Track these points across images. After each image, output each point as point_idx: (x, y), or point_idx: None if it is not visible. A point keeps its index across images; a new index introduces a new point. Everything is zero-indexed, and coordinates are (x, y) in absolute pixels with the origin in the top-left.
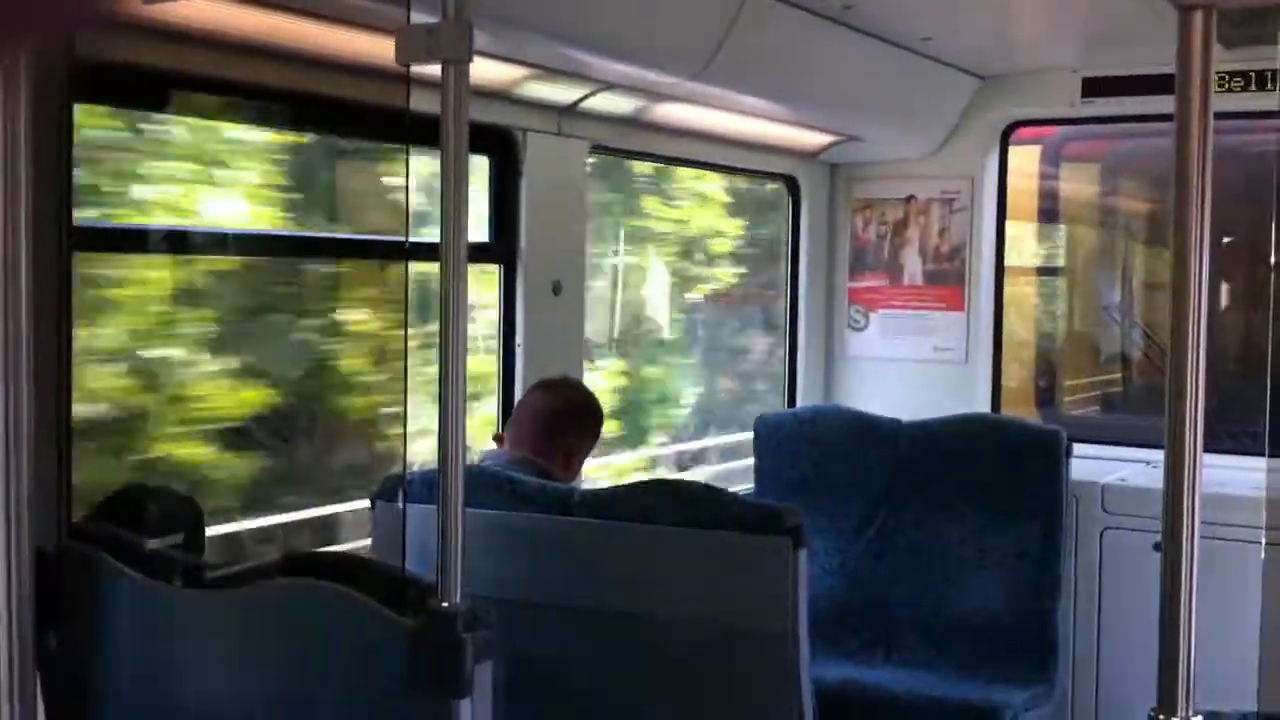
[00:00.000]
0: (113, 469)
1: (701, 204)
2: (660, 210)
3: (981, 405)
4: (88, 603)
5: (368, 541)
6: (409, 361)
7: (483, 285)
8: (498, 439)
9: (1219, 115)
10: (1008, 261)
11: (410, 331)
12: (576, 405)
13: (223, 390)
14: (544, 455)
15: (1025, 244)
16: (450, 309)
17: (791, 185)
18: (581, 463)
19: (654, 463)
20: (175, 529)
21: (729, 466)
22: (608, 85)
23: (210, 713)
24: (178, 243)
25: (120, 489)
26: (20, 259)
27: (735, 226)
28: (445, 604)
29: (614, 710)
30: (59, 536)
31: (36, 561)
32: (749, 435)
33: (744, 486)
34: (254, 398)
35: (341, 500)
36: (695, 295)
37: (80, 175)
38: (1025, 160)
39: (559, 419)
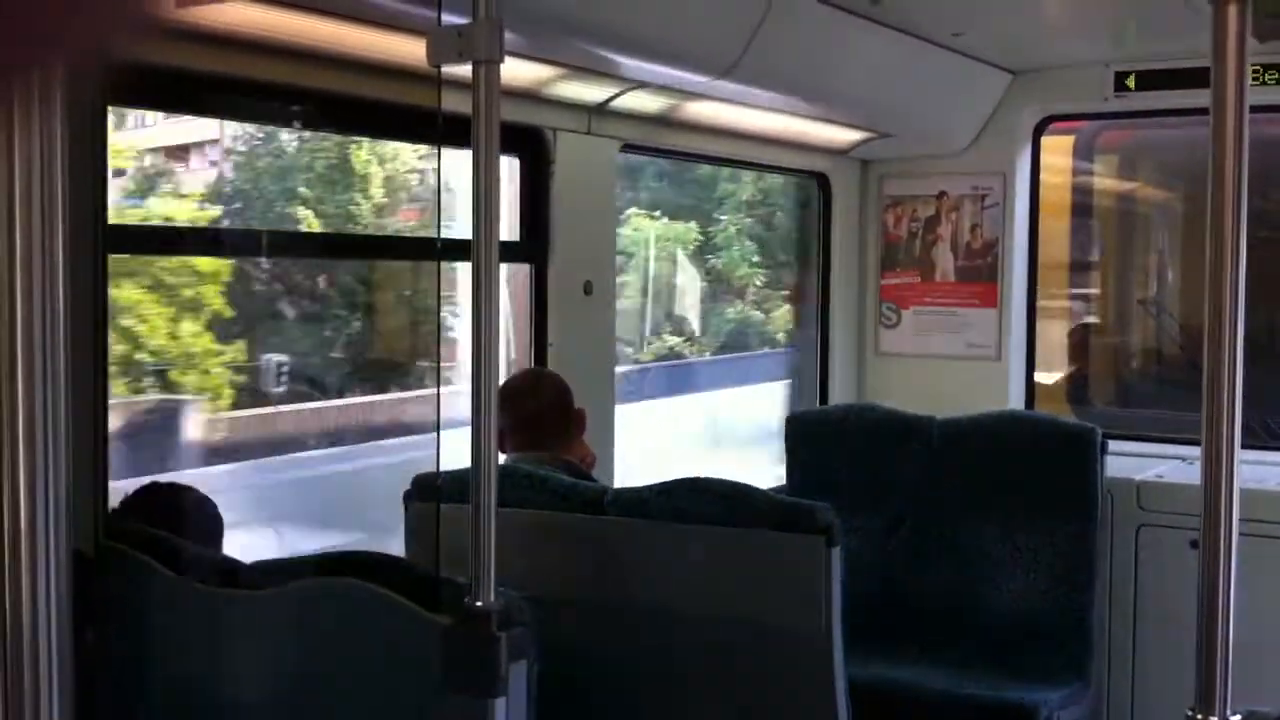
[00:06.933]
0: None
1: None
2: None
3: (1015, 402)
4: (124, 602)
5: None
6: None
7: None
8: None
9: (1254, 109)
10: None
11: None
12: (558, 388)
13: None
14: (566, 450)
15: (1058, 238)
16: (482, 307)
17: (822, 182)
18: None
19: None
20: (205, 528)
21: None
22: (637, 84)
23: (244, 711)
24: (210, 242)
25: (148, 487)
26: (57, 261)
27: None
28: (479, 603)
29: (647, 708)
30: (97, 536)
31: (74, 563)
32: None
33: (776, 484)
34: None
35: None
36: None
37: None
38: (1058, 151)
39: (556, 411)
